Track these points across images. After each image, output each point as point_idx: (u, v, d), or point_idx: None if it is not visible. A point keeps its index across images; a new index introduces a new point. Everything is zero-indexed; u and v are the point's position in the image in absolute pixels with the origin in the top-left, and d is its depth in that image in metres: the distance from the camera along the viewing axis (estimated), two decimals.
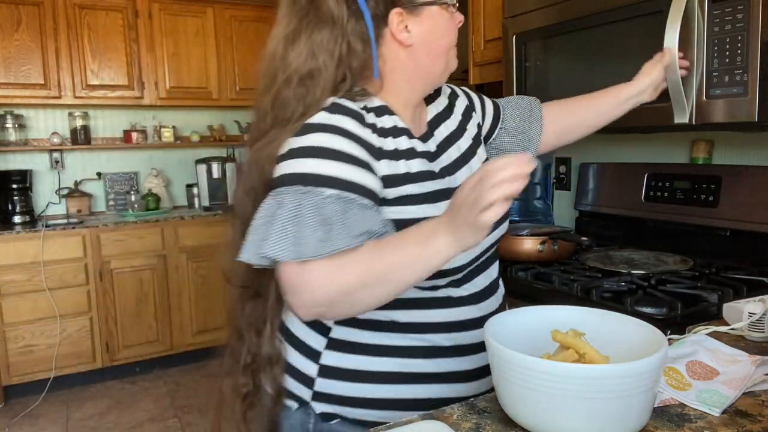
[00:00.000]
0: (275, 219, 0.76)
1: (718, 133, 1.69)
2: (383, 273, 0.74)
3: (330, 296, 0.75)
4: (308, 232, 0.74)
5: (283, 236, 0.75)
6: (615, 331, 0.76)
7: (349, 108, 0.84)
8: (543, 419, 0.64)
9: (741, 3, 1.18)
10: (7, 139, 3.44)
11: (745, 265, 1.51)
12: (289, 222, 0.75)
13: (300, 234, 0.74)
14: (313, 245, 0.73)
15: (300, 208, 0.76)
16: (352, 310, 0.80)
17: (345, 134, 0.81)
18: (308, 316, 0.78)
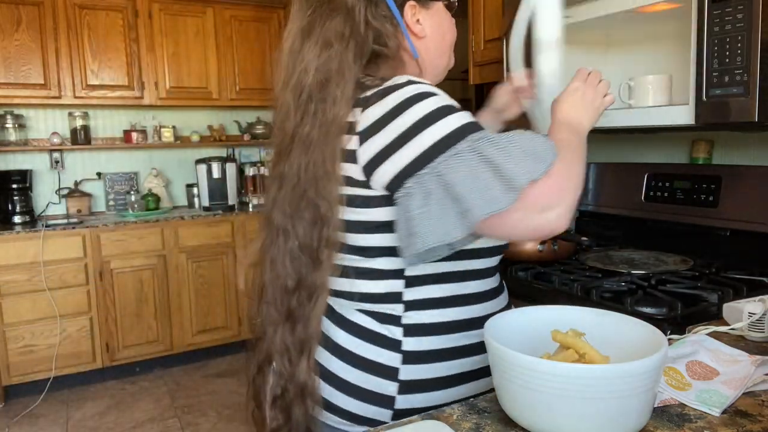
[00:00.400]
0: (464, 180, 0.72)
1: (718, 133, 1.69)
2: (580, 156, 0.83)
3: (579, 189, 0.80)
4: (511, 163, 0.73)
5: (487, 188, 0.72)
6: (615, 331, 0.76)
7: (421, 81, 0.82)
8: (543, 419, 0.64)
9: (741, 3, 1.18)
10: (7, 139, 3.44)
11: (745, 265, 1.51)
12: (486, 170, 0.72)
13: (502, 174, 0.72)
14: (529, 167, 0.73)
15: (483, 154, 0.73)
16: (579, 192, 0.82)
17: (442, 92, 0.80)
18: (566, 224, 0.77)
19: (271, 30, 3.97)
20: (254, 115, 4.23)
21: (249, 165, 4.13)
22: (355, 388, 0.87)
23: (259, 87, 3.95)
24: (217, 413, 2.94)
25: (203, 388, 3.25)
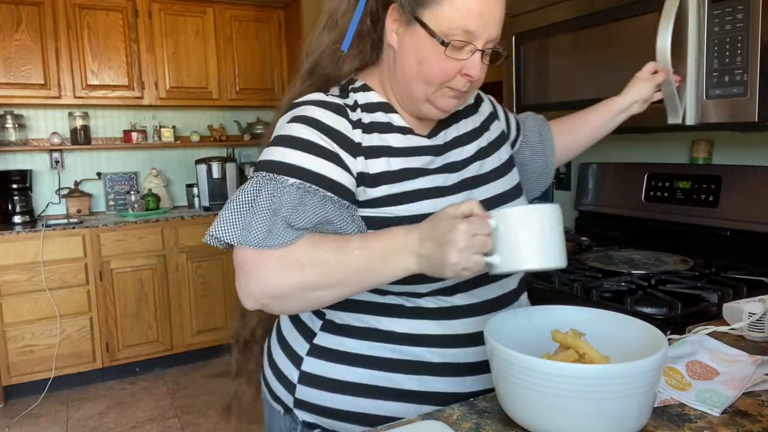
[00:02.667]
0: (231, 202, 0.78)
1: (718, 133, 1.69)
2: (342, 279, 0.74)
3: (282, 291, 0.74)
4: (257, 219, 0.75)
5: (234, 219, 0.76)
6: (615, 331, 0.76)
7: (330, 102, 0.84)
8: (543, 419, 0.64)
9: (741, 3, 1.18)
10: (7, 139, 3.44)
11: (745, 265, 1.51)
12: (245, 206, 0.77)
13: (250, 221, 0.75)
14: (261, 235, 0.74)
15: (258, 193, 0.77)
16: (300, 307, 0.80)
17: (320, 128, 0.82)
18: (253, 306, 0.77)
19: (271, 30, 3.97)
20: (254, 115, 4.23)
21: (249, 165, 4.13)
22: (275, 365, 0.95)
23: (259, 87, 3.95)
24: (217, 413, 2.94)
25: (203, 388, 3.25)
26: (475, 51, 0.80)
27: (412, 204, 0.83)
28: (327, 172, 0.80)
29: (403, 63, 0.84)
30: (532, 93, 1.78)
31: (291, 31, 3.88)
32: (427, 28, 0.80)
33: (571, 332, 0.73)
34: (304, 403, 0.89)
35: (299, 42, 3.71)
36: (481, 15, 0.78)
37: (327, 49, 0.90)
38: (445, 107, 0.87)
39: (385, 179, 0.83)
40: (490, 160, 0.96)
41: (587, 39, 1.56)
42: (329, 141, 0.81)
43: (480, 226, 0.69)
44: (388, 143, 0.86)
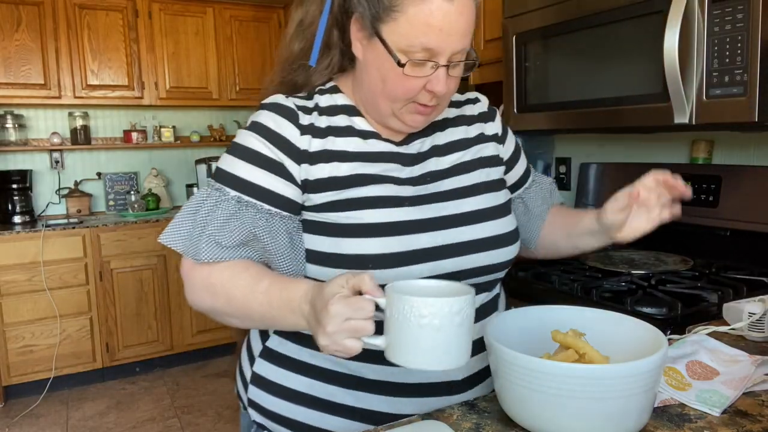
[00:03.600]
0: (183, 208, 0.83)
1: (718, 133, 1.69)
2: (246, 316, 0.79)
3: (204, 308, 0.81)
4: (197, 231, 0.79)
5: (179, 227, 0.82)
6: (615, 331, 0.76)
7: (284, 106, 0.84)
8: (543, 419, 0.64)
9: (741, 3, 1.18)
10: (7, 139, 3.44)
11: (745, 265, 1.51)
12: (189, 215, 0.82)
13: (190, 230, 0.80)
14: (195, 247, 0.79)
15: (202, 204, 0.81)
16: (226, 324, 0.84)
17: (268, 135, 0.82)
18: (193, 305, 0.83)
19: (271, 30, 3.97)
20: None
21: None
22: (240, 361, 0.97)
23: (259, 87, 3.92)
24: (217, 413, 2.94)
25: (203, 388, 3.25)
26: (438, 67, 0.76)
27: (357, 212, 0.79)
28: (269, 184, 0.81)
29: (368, 78, 0.82)
30: (532, 93, 1.78)
31: None
32: (385, 45, 0.76)
33: (571, 332, 0.73)
34: (254, 404, 0.90)
35: None
36: (442, 31, 0.73)
37: (297, 59, 0.89)
38: (412, 123, 0.83)
39: (331, 185, 0.81)
40: (472, 175, 0.90)
41: (587, 39, 1.56)
42: (275, 150, 0.82)
43: (357, 309, 0.62)
44: (342, 148, 0.84)
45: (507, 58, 1.84)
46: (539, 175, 1.12)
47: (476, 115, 0.97)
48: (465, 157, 0.91)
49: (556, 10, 1.64)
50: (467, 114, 0.97)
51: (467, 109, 0.98)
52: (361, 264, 0.77)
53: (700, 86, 1.28)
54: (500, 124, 1.00)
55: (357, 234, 0.79)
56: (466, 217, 0.85)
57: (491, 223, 0.87)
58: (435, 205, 0.84)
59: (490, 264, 0.86)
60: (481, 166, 0.92)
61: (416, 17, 0.73)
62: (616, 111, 1.49)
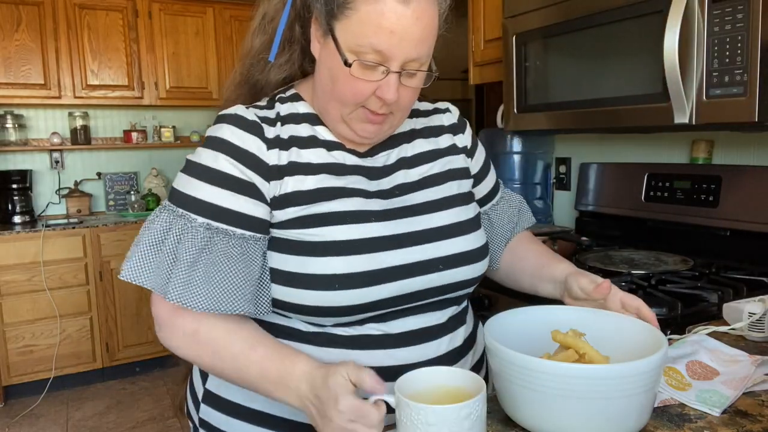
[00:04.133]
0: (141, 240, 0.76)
1: (718, 133, 1.69)
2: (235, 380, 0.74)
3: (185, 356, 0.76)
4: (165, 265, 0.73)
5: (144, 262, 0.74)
6: (615, 331, 0.76)
7: (246, 119, 0.78)
8: (543, 419, 0.64)
9: (741, 3, 1.18)
10: (7, 139, 3.44)
11: (745, 265, 1.51)
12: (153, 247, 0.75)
13: (159, 264, 0.74)
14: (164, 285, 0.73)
15: (167, 233, 0.75)
16: None
17: (232, 153, 0.76)
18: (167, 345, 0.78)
19: None
20: None
21: None
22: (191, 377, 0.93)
23: None
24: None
25: None
26: (388, 73, 0.73)
27: (322, 228, 0.75)
28: (239, 207, 0.75)
29: (320, 77, 0.78)
30: (532, 93, 1.78)
31: None
32: (336, 43, 0.73)
33: (571, 332, 0.73)
34: (206, 424, 0.85)
35: None
36: (393, 34, 0.70)
37: (257, 54, 0.85)
38: (362, 132, 0.79)
39: (296, 199, 0.77)
40: (443, 188, 0.87)
41: (587, 39, 1.56)
42: (243, 169, 0.76)
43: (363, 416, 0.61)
44: (307, 159, 0.79)
45: (507, 58, 1.84)
46: (509, 192, 1.08)
47: (446, 126, 0.94)
48: (434, 169, 0.88)
49: (556, 10, 1.64)
50: (435, 124, 0.93)
51: (435, 119, 0.94)
52: (327, 284, 0.73)
53: (700, 86, 1.28)
54: (470, 136, 0.97)
55: (323, 252, 0.74)
56: (437, 232, 0.82)
57: (462, 238, 0.84)
58: (404, 220, 0.80)
59: (462, 280, 0.83)
60: (451, 179, 0.89)
61: (368, 16, 0.70)
62: (616, 111, 1.49)
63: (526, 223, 1.07)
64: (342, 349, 0.78)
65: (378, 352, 0.78)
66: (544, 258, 0.98)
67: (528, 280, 0.99)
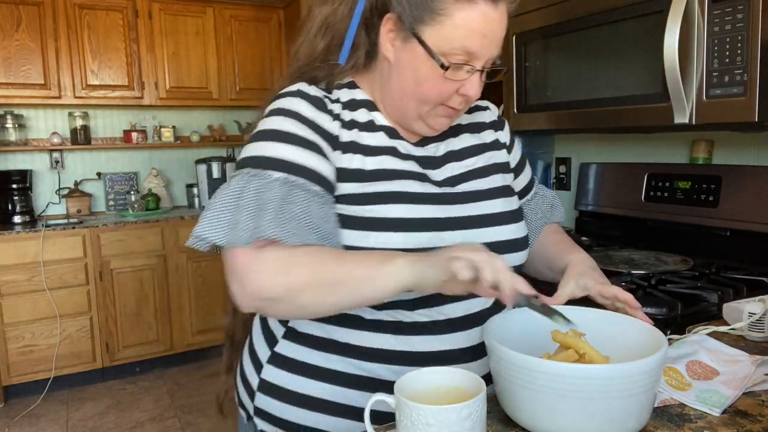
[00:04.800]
0: (215, 200, 0.74)
1: (718, 133, 1.69)
2: (338, 279, 0.71)
3: (275, 292, 0.71)
4: (244, 217, 0.71)
5: (219, 218, 0.72)
6: (615, 331, 0.76)
7: (309, 94, 0.82)
8: (543, 419, 0.64)
9: (741, 3, 1.18)
10: (7, 139, 3.44)
11: (745, 265, 1.51)
12: (230, 204, 0.73)
13: (236, 219, 0.72)
14: (248, 232, 0.71)
15: (243, 190, 0.73)
16: (294, 312, 0.76)
17: (300, 118, 0.80)
18: (248, 308, 0.74)
19: (271, 30, 3.97)
20: (254, 115, 4.15)
21: None
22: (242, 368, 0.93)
23: (259, 87, 3.95)
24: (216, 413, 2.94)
25: (203, 388, 3.25)
26: (474, 71, 0.78)
27: (382, 206, 0.79)
28: (311, 163, 0.77)
29: (398, 79, 0.81)
30: (532, 93, 1.78)
31: (291, 31, 3.88)
32: (426, 48, 0.76)
33: (571, 332, 0.73)
34: (262, 412, 0.87)
35: None
36: (485, 37, 0.75)
37: (320, 55, 0.87)
38: (436, 126, 0.84)
39: (357, 177, 0.80)
40: (488, 180, 0.91)
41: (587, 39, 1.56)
42: (310, 131, 0.79)
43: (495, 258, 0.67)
44: (368, 142, 0.84)
45: (507, 58, 1.84)
46: (543, 188, 1.12)
47: (487, 123, 0.99)
48: (479, 163, 0.92)
49: (556, 10, 1.64)
50: (478, 121, 0.98)
51: (478, 116, 0.98)
52: None
53: (700, 86, 1.28)
54: (509, 132, 1.02)
55: (383, 228, 0.78)
56: (486, 219, 0.86)
57: (508, 227, 0.88)
58: (456, 206, 0.84)
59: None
60: (495, 172, 0.93)
61: (462, 21, 0.74)
62: (616, 111, 1.49)
63: (557, 219, 1.11)
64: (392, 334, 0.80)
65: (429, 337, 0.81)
66: (559, 247, 1.03)
67: (547, 272, 1.04)
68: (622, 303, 0.84)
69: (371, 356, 0.80)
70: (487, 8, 0.74)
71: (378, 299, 0.73)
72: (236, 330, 1.01)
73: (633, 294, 1.31)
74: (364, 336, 0.81)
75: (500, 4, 0.75)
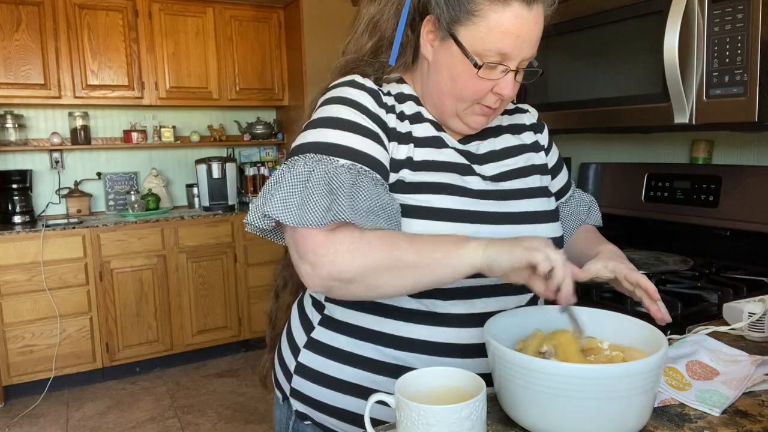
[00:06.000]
0: (282, 181, 0.75)
1: (718, 133, 1.69)
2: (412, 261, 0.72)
3: (351, 272, 0.72)
4: (315, 198, 0.73)
5: (288, 198, 0.73)
6: (615, 331, 0.76)
7: (365, 85, 0.85)
8: (543, 419, 0.64)
9: (741, 3, 1.18)
10: (7, 139, 3.44)
11: (745, 265, 1.51)
12: (298, 186, 0.74)
13: (306, 200, 0.73)
14: (319, 213, 0.72)
15: (310, 174, 0.75)
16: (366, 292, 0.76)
17: (360, 108, 0.82)
18: (319, 289, 0.75)
19: (271, 30, 3.97)
20: (254, 115, 4.23)
21: (249, 165, 4.13)
22: (280, 352, 0.98)
23: (259, 87, 3.95)
24: (217, 413, 2.94)
25: (203, 388, 3.25)
26: (508, 71, 0.80)
27: (426, 195, 0.81)
28: (373, 151, 0.79)
29: (436, 77, 0.84)
30: (532, 93, 1.78)
31: (291, 31, 3.88)
32: (461, 47, 0.79)
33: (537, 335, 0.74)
34: (298, 393, 0.91)
35: (299, 42, 3.72)
36: (519, 38, 0.77)
37: (367, 53, 0.89)
38: (473, 124, 0.86)
39: (407, 166, 0.83)
40: (527, 180, 0.93)
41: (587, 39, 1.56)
42: (370, 121, 0.81)
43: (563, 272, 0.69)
44: (417, 133, 0.86)
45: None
46: (581, 192, 1.14)
47: (527, 125, 1.01)
48: (519, 163, 0.94)
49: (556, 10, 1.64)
50: (518, 123, 1.00)
51: (517, 118, 1.00)
52: None
53: (700, 86, 1.28)
54: (547, 135, 1.04)
55: (426, 216, 0.80)
56: (526, 217, 0.88)
57: (546, 226, 0.90)
58: (498, 202, 0.86)
59: None
60: (534, 173, 0.95)
61: (496, 23, 0.76)
62: (616, 111, 1.49)
63: (593, 221, 1.14)
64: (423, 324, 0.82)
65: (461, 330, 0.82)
66: (590, 242, 1.05)
67: None
68: (642, 291, 0.85)
69: (400, 344, 0.83)
70: (521, 10, 0.76)
71: (450, 281, 0.74)
72: (278, 314, 1.05)
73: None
74: (395, 325, 0.83)
75: (534, 6, 0.77)
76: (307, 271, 0.74)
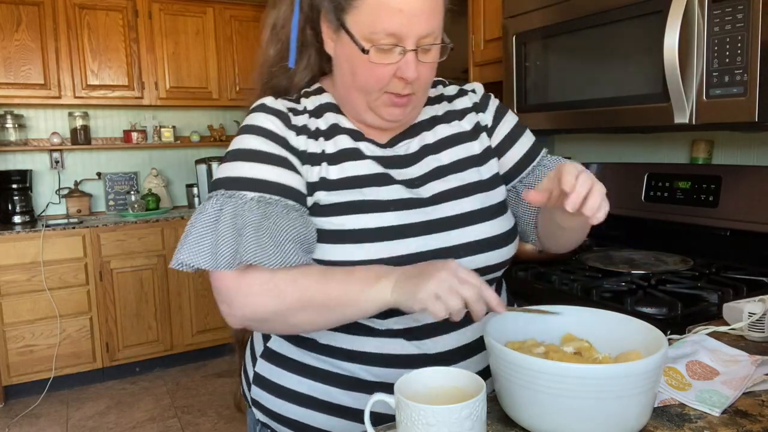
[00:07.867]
0: (195, 224, 0.76)
1: (718, 133, 1.69)
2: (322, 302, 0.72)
3: (264, 314, 0.74)
4: (224, 241, 0.73)
5: (200, 242, 0.74)
6: (615, 331, 0.76)
7: (273, 108, 0.83)
8: (543, 419, 0.64)
9: (741, 3, 1.18)
10: (7, 139, 3.44)
11: (745, 265, 1.51)
12: (209, 227, 0.75)
13: (216, 243, 0.74)
14: (228, 257, 0.73)
15: (219, 213, 0.75)
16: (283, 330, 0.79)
17: (268, 135, 0.80)
18: (239, 327, 0.77)
19: None
20: None
21: None
22: (244, 361, 0.97)
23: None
24: (217, 413, 2.94)
25: (203, 388, 3.25)
26: (406, 52, 0.75)
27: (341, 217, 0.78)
28: (284, 179, 0.78)
29: (340, 73, 0.82)
30: (532, 93, 1.78)
31: None
32: (350, 35, 0.76)
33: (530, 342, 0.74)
34: (257, 404, 0.90)
35: None
36: (402, 12, 0.72)
37: (275, 63, 0.88)
38: (388, 116, 0.81)
39: (321, 188, 0.80)
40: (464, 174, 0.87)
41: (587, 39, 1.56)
42: (278, 146, 0.80)
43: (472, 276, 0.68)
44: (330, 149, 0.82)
45: (507, 58, 1.84)
46: (550, 158, 0.98)
47: (470, 107, 0.93)
48: (459, 154, 0.88)
49: (556, 10, 1.64)
50: (457, 108, 0.93)
51: (458, 103, 0.93)
52: None
53: (700, 86, 1.28)
54: (492, 112, 0.94)
55: (341, 240, 0.77)
56: (457, 220, 0.83)
57: (483, 225, 0.84)
58: (424, 209, 0.82)
59: (484, 266, 0.83)
60: (474, 165, 0.88)
61: (377, 3, 0.73)
62: (616, 111, 1.49)
63: None
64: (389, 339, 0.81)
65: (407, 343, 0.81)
66: None
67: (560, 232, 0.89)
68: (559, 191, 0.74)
69: (349, 357, 0.82)
70: None
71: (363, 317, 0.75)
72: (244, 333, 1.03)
73: (633, 294, 1.32)
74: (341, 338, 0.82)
75: None
76: (225, 311, 0.76)
